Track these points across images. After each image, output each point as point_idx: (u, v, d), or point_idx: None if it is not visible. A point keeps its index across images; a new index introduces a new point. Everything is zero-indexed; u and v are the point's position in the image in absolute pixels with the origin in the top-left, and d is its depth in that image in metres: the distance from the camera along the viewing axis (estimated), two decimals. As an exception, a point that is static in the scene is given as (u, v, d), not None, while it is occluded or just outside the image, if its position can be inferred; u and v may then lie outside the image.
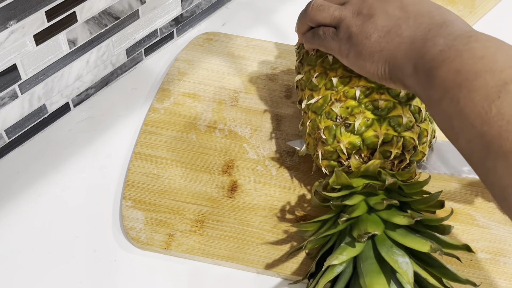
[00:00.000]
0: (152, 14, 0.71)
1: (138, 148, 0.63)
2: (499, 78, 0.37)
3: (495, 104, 0.36)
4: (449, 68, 0.40)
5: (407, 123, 0.52)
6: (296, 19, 0.56)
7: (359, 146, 0.52)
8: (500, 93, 0.36)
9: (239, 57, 0.74)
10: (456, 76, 0.39)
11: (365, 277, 0.45)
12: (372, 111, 0.52)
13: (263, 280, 0.55)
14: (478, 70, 0.38)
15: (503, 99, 0.36)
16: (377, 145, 0.52)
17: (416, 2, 0.48)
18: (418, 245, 0.46)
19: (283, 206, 0.59)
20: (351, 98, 0.53)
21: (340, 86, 0.53)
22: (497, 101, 0.36)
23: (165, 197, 0.59)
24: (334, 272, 0.47)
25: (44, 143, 0.65)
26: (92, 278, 0.54)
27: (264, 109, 0.68)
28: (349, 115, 0.52)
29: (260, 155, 0.63)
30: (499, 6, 0.86)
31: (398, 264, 0.45)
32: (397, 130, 0.52)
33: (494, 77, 0.37)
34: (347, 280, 0.47)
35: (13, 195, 0.60)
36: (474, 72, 0.38)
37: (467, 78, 0.38)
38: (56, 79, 0.63)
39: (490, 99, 0.36)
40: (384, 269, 0.46)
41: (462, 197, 0.60)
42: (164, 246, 0.55)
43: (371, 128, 0.52)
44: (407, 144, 0.52)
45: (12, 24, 0.54)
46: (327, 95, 0.54)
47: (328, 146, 0.53)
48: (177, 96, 0.69)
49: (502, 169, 0.35)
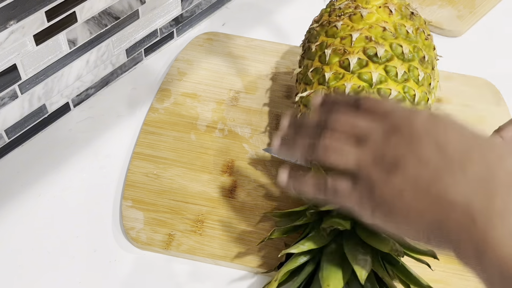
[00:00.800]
0: (152, 14, 0.71)
1: (138, 148, 0.63)
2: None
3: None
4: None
5: None
6: (296, 19, 0.56)
7: None
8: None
9: (239, 57, 0.74)
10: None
11: (323, 270, 0.46)
12: None
13: (263, 280, 0.55)
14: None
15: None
16: None
17: (457, 137, 0.36)
18: (380, 245, 0.46)
19: (283, 206, 0.59)
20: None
21: (332, 81, 0.54)
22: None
23: (165, 197, 0.59)
24: (297, 262, 0.48)
25: (44, 143, 0.65)
26: (92, 278, 0.54)
27: (264, 109, 0.68)
28: None
29: (260, 155, 0.63)
30: (499, 6, 0.86)
31: (357, 261, 0.45)
32: None
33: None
34: (309, 272, 0.48)
35: (13, 195, 0.60)
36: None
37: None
38: (56, 79, 0.63)
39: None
40: (345, 265, 0.46)
41: (462, 197, 0.60)
42: (164, 246, 0.55)
43: None
44: None
45: (12, 24, 0.54)
46: (319, 90, 0.55)
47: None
48: (177, 96, 0.69)
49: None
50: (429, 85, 0.57)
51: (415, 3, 0.84)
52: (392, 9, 0.57)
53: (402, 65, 0.54)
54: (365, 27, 0.56)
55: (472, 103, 0.70)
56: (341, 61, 0.55)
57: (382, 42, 0.55)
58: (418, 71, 0.55)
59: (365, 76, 0.54)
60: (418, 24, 0.58)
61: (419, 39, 0.57)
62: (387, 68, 0.54)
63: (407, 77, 0.54)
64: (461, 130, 0.37)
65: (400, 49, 0.55)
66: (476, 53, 0.79)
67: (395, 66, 0.54)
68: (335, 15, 0.59)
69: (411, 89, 0.54)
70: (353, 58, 0.54)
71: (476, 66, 0.76)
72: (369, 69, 0.54)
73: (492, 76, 0.74)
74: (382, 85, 0.53)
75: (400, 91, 0.53)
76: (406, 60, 0.55)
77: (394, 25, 0.57)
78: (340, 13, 0.58)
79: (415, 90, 0.54)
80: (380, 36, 0.55)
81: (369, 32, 0.56)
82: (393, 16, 0.57)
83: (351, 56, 0.54)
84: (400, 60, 0.55)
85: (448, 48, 0.79)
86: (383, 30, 0.56)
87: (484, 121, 0.68)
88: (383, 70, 0.54)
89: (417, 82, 0.55)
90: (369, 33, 0.55)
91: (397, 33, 0.56)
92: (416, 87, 0.54)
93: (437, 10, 0.83)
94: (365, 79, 0.53)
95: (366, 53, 0.54)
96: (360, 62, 0.54)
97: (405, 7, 0.59)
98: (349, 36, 0.56)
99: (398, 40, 0.55)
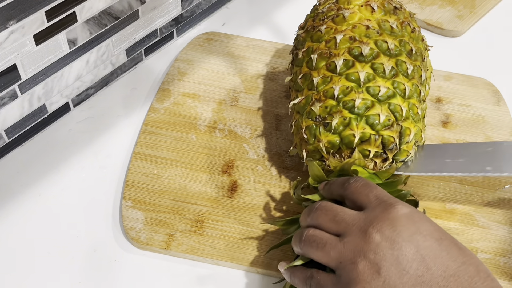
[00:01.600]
0: (152, 14, 0.71)
1: (138, 148, 0.63)
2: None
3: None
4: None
5: (385, 122, 0.52)
6: (295, 19, 0.56)
7: (339, 146, 0.53)
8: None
9: (239, 57, 0.74)
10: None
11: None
12: (350, 110, 0.52)
13: (262, 280, 0.55)
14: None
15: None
16: (353, 143, 0.52)
17: (438, 253, 0.39)
18: None
19: (283, 206, 0.59)
20: (330, 98, 0.53)
21: (321, 86, 0.54)
22: None
23: (165, 197, 0.59)
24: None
25: (44, 143, 0.65)
26: (92, 278, 0.54)
27: (264, 109, 0.68)
28: (328, 115, 0.53)
29: (260, 155, 0.63)
30: (499, 6, 0.86)
31: None
32: (375, 128, 0.52)
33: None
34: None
35: (13, 195, 0.60)
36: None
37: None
38: (56, 79, 0.63)
39: None
40: None
41: (462, 197, 0.60)
42: (164, 246, 0.55)
43: (348, 127, 0.52)
44: (386, 142, 0.52)
45: (12, 24, 0.54)
46: (309, 95, 0.55)
47: (310, 145, 0.54)
48: (177, 96, 0.69)
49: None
50: (420, 77, 0.57)
51: (415, 3, 0.84)
52: (374, 6, 0.57)
53: (389, 61, 0.54)
54: (348, 27, 0.56)
55: (472, 103, 0.70)
56: (327, 64, 0.55)
57: (366, 40, 0.55)
58: (406, 65, 0.55)
59: (353, 77, 0.54)
60: (402, 18, 0.58)
61: (404, 32, 0.57)
62: (374, 66, 0.54)
63: (396, 72, 0.54)
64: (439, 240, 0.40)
65: (386, 45, 0.55)
66: (476, 53, 0.79)
67: (382, 63, 0.54)
68: (319, 19, 0.59)
69: (401, 84, 0.54)
70: (339, 60, 0.54)
71: (476, 66, 0.76)
72: (356, 69, 0.54)
73: (492, 76, 0.74)
74: (370, 84, 0.53)
75: (390, 87, 0.53)
76: (392, 55, 0.55)
77: (378, 22, 0.57)
78: (324, 17, 0.59)
79: (405, 84, 0.54)
80: (364, 35, 0.55)
81: (352, 32, 0.56)
82: (375, 13, 0.57)
83: (336, 58, 0.54)
84: (386, 56, 0.55)
85: (448, 48, 0.79)
86: (367, 28, 0.56)
87: (484, 121, 0.68)
88: (370, 68, 0.54)
89: (406, 76, 0.55)
90: (352, 33, 0.56)
91: (381, 29, 0.56)
92: (406, 80, 0.54)
93: (437, 10, 0.83)
94: (352, 79, 0.53)
95: (352, 53, 0.54)
96: (347, 63, 0.54)
97: (388, 2, 0.59)
98: (333, 39, 0.56)
99: (383, 36, 0.55)
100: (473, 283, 0.38)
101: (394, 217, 0.41)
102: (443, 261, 0.39)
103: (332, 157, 0.53)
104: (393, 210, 0.41)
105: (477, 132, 0.67)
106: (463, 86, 0.72)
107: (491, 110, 0.69)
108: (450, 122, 0.68)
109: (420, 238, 0.40)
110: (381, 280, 0.38)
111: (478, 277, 0.38)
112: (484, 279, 0.38)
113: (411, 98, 0.54)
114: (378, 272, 0.39)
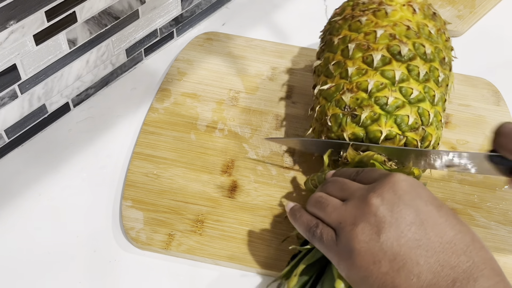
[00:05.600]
0: (152, 14, 0.71)
1: (138, 148, 0.63)
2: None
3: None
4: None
5: (413, 124, 0.52)
6: (295, 19, 0.56)
7: (362, 139, 0.53)
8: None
9: (239, 57, 0.74)
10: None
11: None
12: (381, 106, 0.52)
13: (263, 280, 0.55)
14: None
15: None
16: (379, 140, 0.52)
17: (437, 219, 0.40)
18: None
19: (283, 206, 0.59)
20: (362, 90, 0.53)
21: (355, 76, 0.54)
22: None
23: (165, 197, 0.59)
24: (314, 257, 0.47)
25: (44, 143, 0.65)
26: (92, 278, 0.54)
27: (264, 109, 0.68)
28: (358, 107, 0.53)
29: (260, 155, 0.63)
30: (499, 6, 0.86)
31: None
32: (401, 128, 0.52)
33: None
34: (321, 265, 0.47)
35: (13, 195, 0.60)
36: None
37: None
38: (56, 79, 0.63)
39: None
40: None
41: (462, 197, 0.60)
42: (164, 246, 0.55)
43: (376, 122, 0.52)
44: (409, 144, 0.52)
45: (12, 24, 0.54)
46: (340, 84, 0.55)
47: (332, 133, 0.54)
48: (177, 96, 0.69)
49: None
50: (447, 86, 0.57)
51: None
52: (416, 8, 0.57)
53: (424, 65, 0.54)
54: (389, 24, 0.56)
55: (472, 103, 0.70)
56: (364, 57, 0.55)
57: (405, 40, 0.55)
58: (438, 72, 0.55)
59: (388, 74, 0.54)
60: (439, 25, 0.59)
61: (440, 40, 0.57)
62: (409, 67, 0.54)
63: (428, 78, 0.54)
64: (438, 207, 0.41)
65: (423, 49, 0.55)
66: (476, 53, 0.79)
67: (418, 66, 0.54)
68: (359, 9, 0.59)
69: (431, 90, 0.54)
70: (377, 54, 0.54)
71: (476, 66, 0.76)
72: (392, 67, 0.54)
73: (492, 76, 0.74)
74: (404, 84, 0.53)
75: (421, 90, 0.53)
76: (428, 60, 0.55)
77: (417, 24, 0.56)
78: (364, 8, 0.58)
79: (435, 91, 0.54)
80: (404, 35, 0.55)
81: (393, 30, 0.55)
82: (416, 15, 0.57)
83: (375, 52, 0.54)
84: (422, 60, 0.55)
85: (448, 48, 0.79)
86: (407, 28, 0.56)
87: (484, 121, 0.68)
88: (406, 69, 0.54)
89: (437, 83, 0.55)
90: (393, 30, 0.55)
91: (420, 32, 0.56)
92: (436, 87, 0.54)
93: (437, 10, 0.83)
94: (388, 76, 0.53)
95: (390, 50, 0.54)
96: (384, 59, 0.54)
97: (428, 7, 0.59)
98: (373, 32, 0.56)
99: (420, 39, 0.55)
100: (468, 252, 0.38)
101: (396, 181, 0.42)
102: (441, 227, 0.39)
103: (351, 149, 0.53)
104: (394, 177, 0.42)
105: (477, 132, 0.67)
106: (463, 86, 0.72)
107: (491, 110, 0.69)
108: (450, 122, 0.68)
109: (420, 203, 0.41)
110: (379, 241, 0.39)
111: (473, 247, 0.39)
112: (478, 249, 0.39)
113: (437, 106, 0.54)
114: (377, 233, 0.39)
